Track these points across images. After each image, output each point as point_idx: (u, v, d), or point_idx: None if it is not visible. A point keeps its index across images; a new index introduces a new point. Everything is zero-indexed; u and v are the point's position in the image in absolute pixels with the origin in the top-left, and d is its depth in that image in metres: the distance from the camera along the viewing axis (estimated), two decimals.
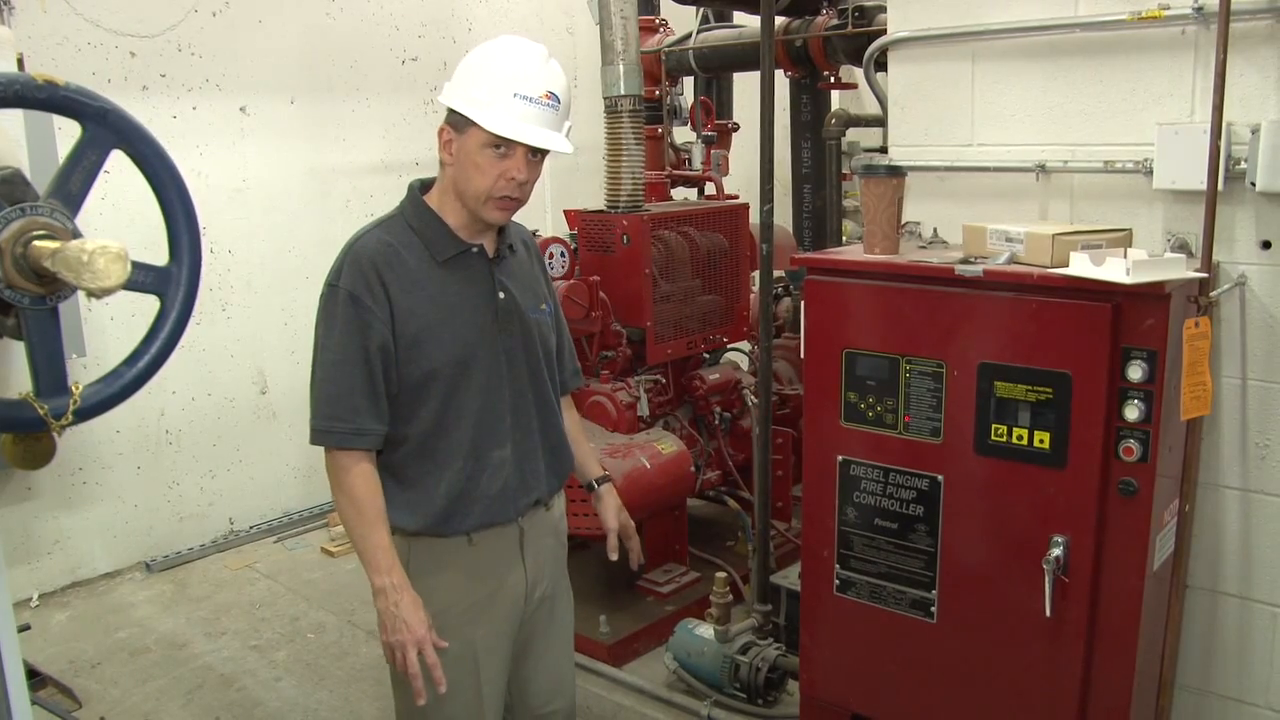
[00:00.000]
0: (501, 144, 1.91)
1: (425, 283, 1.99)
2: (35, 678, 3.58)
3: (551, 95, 1.93)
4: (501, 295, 2.07)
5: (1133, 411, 2.13)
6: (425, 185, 2.09)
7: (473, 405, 2.03)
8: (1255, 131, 2.23)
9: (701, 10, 4.75)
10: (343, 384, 1.95)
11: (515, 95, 1.89)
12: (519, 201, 2.00)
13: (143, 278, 1.42)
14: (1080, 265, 2.11)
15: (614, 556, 2.37)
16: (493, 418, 2.06)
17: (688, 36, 4.69)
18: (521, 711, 2.29)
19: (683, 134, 4.92)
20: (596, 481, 2.40)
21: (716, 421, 4.07)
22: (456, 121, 1.95)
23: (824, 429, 2.56)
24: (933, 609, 2.44)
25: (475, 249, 2.05)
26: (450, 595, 2.06)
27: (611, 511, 2.39)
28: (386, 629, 1.95)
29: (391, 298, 1.95)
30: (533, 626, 2.23)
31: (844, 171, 4.70)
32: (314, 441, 1.99)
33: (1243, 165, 2.26)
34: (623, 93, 3.67)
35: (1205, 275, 2.24)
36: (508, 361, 2.08)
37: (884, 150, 3.01)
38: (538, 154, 1.97)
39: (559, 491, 2.27)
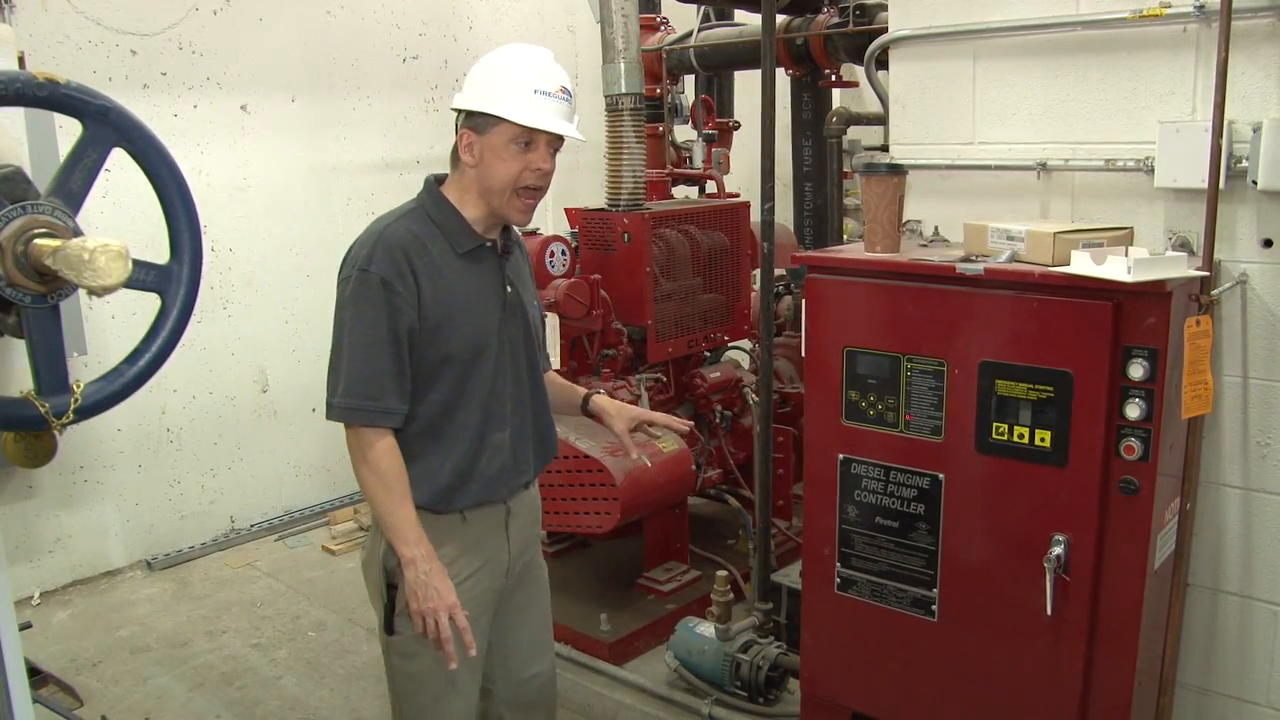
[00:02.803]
0: (526, 138, 2.03)
1: (447, 272, 2.09)
2: (37, 675, 3.59)
3: (564, 90, 2.08)
4: (509, 289, 2.19)
5: (1134, 410, 2.13)
6: (439, 180, 2.19)
7: (481, 390, 2.13)
8: (1257, 130, 2.23)
9: (702, 8, 4.75)
10: (373, 364, 2.02)
11: (536, 91, 2.03)
12: (540, 193, 2.11)
13: (144, 276, 1.43)
14: (1081, 264, 2.11)
15: (634, 455, 2.38)
16: (496, 402, 2.16)
17: (688, 35, 4.68)
18: (504, 681, 2.35)
19: (684, 132, 4.91)
20: (585, 400, 2.44)
21: (717, 420, 4.07)
22: (478, 124, 2.06)
23: (825, 427, 2.56)
24: (934, 607, 2.44)
25: (489, 244, 2.16)
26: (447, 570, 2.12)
27: (614, 415, 2.40)
28: (418, 597, 2.01)
29: (420, 284, 2.04)
30: (512, 599, 2.32)
31: (845, 170, 4.71)
32: (338, 418, 2.05)
33: (1244, 163, 2.26)
34: (624, 91, 3.67)
35: (1206, 274, 2.24)
36: (511, 350, 2.19)
37: (885, 148, 3.01)
38: (554, 147, 2.09)
39: (540, 472, 2.36)
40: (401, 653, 2.16)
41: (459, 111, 2.09)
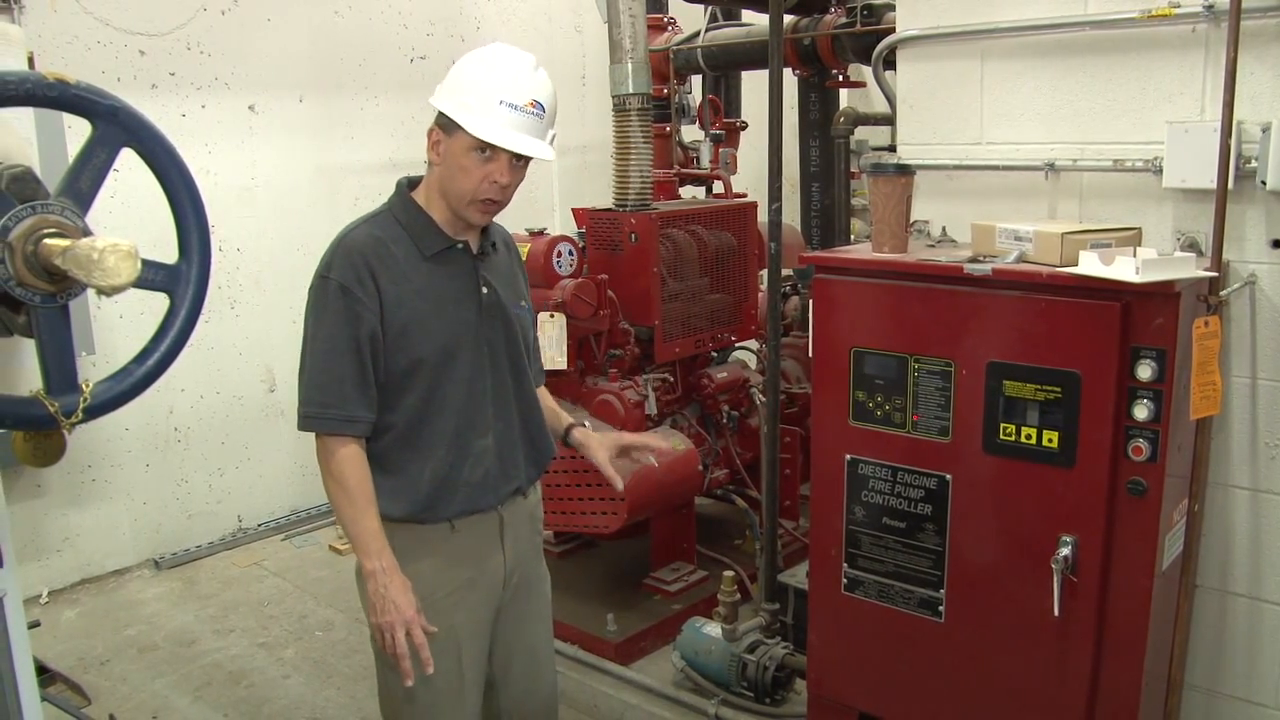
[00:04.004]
0: (486, 148, 1.97)
1: (413, 275, 2.04)
2: (45, 674, 3.60)
3: (536, 104, 1.99)
4: (485, 290, 2.13)
5: (1142, 411, 2.12)
6: (412, 182, 2.15)
7: (457, 394, 2.08)
8: (1266, 130, 2.22)
9: (709, 8, 4.75)
10: (334, 372, 2.00)
11: (501, 103, 1.96)
12: (500, 204, 2.06)
13: (152, 275, 1.44)
14: (1089, 264, 2.11)
15: (619, 486, 2.26)
16: (475, 407, 2.11)
17: (696, 35, 4.69)
18: (504, 693, 2.32)
19: (691, 132, 4.91)
20: (567, 432, 2.36)
21: (724, 420, 4.06)
22: (445, 124, 2.01)
23: (832, 428, 2.56)
24: (941, 608, 2.44)
25: (460, 245, 2.11)
26: (433, 581, 2.10)
27: (596, 448, 2.31)
28: (376, 610, 1.99)
29: (381, 289, 2.00)
30: (511, 610, 2.27)
31: (852, 170, 4.70)
32: (304, 428, 2.04)
33: (1253, 164, 2.25)
34: (631, 91, 3.66)
35: (1215, 274, 2.23)
36: (490, 353, 2.13)
37: (892, 149, 3.00)
38: (521, 159, 2.02)
39: (537, 480, 2.31)
40: (393, 666, 2.10)
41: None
